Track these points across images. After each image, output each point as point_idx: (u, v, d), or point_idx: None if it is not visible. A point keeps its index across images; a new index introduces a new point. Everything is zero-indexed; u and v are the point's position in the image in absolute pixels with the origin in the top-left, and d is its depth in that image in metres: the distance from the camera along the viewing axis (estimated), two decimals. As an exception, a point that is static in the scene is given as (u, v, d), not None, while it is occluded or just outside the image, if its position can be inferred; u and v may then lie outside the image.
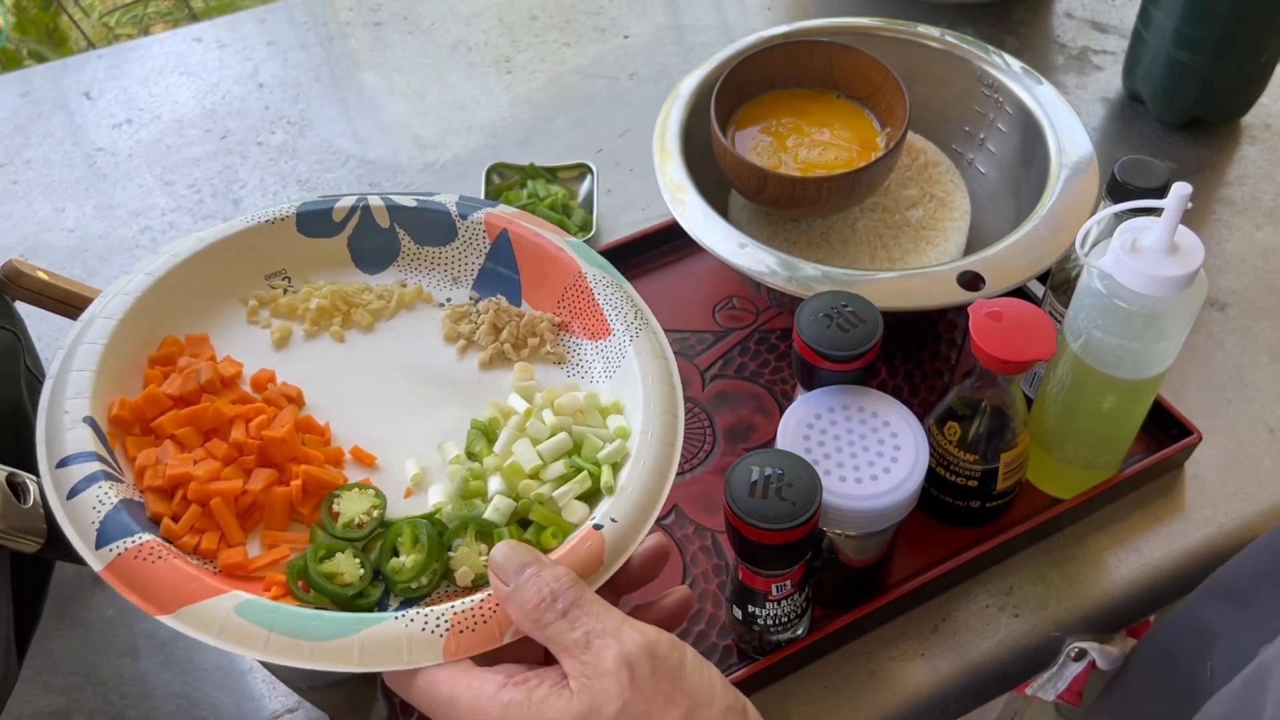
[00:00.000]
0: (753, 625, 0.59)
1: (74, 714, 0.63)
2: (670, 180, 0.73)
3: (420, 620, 0.45)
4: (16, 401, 0.60)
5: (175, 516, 0.49)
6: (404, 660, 0.44)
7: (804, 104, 0.80)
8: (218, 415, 0.52)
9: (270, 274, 0.61)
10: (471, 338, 0.59)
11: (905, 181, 0.81)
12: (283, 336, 0.59)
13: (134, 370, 0.55)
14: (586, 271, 0.59)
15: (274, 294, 0.61)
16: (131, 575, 0.46)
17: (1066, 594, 0.66)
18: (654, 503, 0.51)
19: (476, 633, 0.45)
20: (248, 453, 0.52)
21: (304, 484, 0.51)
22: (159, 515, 0.49)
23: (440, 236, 0.62)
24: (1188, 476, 0.72)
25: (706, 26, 1.11)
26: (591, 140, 0.98)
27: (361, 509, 0.51)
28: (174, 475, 0.50)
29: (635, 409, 0.54)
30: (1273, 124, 0.96)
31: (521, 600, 0.43)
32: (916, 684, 0.63)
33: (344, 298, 0.60)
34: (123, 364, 0.54)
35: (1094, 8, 1.09)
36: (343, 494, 0.52)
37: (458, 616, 0.45)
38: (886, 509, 0.55)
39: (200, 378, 0.54)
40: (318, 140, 1.00)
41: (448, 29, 1.13)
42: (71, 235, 0.93)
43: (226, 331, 0.59)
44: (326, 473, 0.52)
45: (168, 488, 0.50)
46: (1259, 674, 0.46)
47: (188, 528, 0.49)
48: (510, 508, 0.51)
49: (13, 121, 1.04)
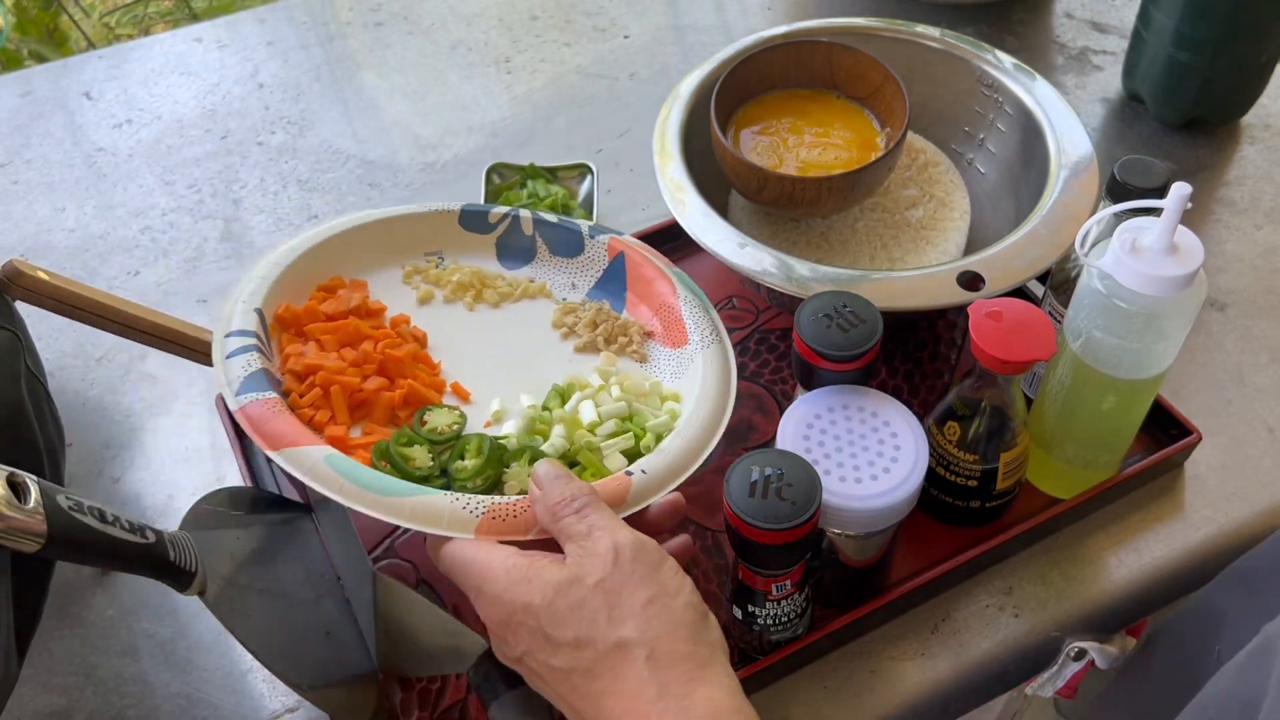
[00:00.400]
0: (752, 625, 0.59)
1: (74, 714, 0.63)
2: (670, 180, 0.73)
3: (464, 501, 0.54)
4: (16, 401, 0.60)
5: (302, 394, 0.61)
6: (441, 527, 0.53)
7: (804, 104, 0.80)
8: (356, 331, 0.65)
9: (430, 251, 0.74)
10: (574, 328, 0.70)
11: (905, 181, 0.81)
12: (425, 296, 0.72)
13: (303, 290, 0.68)
14: (680, 294, 0.70)
15: (427, 266, 0.73)
16: (255, 418, 0.57)
17: (1066, 594, 0.66)
18: (684, 468, 0.59)
19: (506, 523, 0.53)
20: (371, 362, 0.64)
21: (407, 394, 0.63)
22: (289, 389, 0.61)
23: (571, 249, 0.74)
24: (1187, 476, 0.72)
25: (706, 26, 1.11)
26: (591, 140, 0.98)
27: (445, 421, 0.62)
28: (309, 364, 0.62)
29: (689, 400, 0.64)
30: (1273, 124, 0.96)
31: (547, 499, 0.51)
32: (916, 684, 0.63)
33: (480, 279, 0.72)
34: (296, 283, 0.67)
35: (1094, 8, 1.09)
36: (434, 409, 0.63)
37: (494, 506, 0.54)
38: (886, 509, 0.55)
39: (350, 303, 0.67)
40: (318, 140, 1.00)
41: (448, 29, 1.13)
42: (72, 235, 0.93)
43: (384, 285, 0.71)
44: (427, 391, 0.64)
45: (302, 373, 0.62)
46: (1264, 649, 0.46)
47: (309, 403, 0.61)
48: (563, 448, 0.60)
49: (13, 121, 1.04)
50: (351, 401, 0.62)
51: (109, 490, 0.74)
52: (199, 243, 0.92)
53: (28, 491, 0.45)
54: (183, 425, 0.78)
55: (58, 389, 0.80)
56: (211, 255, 0.91)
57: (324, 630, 0.59)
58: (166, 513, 0.73)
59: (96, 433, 0.78)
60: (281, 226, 0.93)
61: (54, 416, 0.67)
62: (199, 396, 0.80)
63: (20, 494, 0.45)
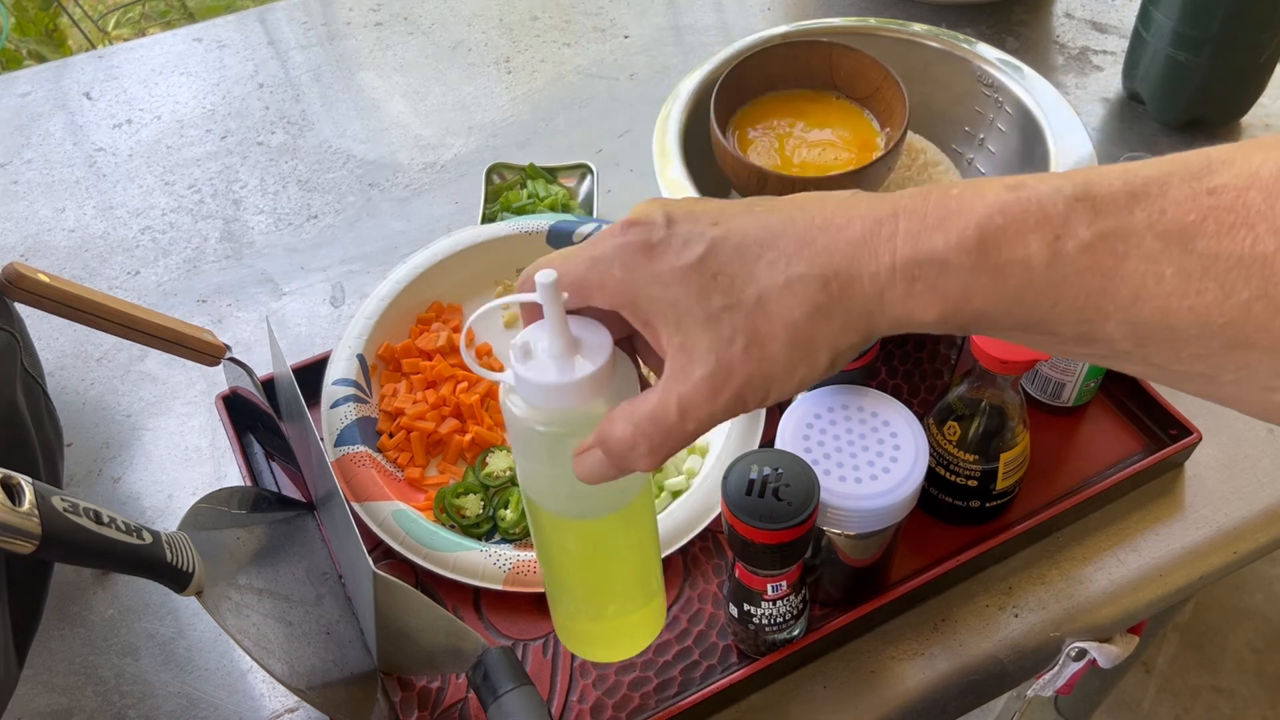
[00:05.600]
0: (748, 624, 0.59)
1: (74, 714, 0.63)
2: (670, 180, 0.73)
3: (495, 557, 0.65)
4: (11, 403, 0.60)
5: (391, 434, 0.72)
6: (477, 579, 0.64)
7: (804, 104, 0.80)
8: (438, 373, 0.75)
9: (520, 268, 0.77)
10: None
11: (905, 181, 0.81)
12: (512, 319, 0.79)
13: (406, 320, 0.78)
14: None
15: (516, 284, 0.75)
16: (344, 469, 0.69)
17: (1066, 594, 0.66)
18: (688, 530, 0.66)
19: (527, 577, 0.64)
20: (449, 405, 0.74)
21: (474, 438, 0.73)
22: (383, 430, 0.73)
23: None
24: (1187, 476, 0.72)
25: (706, 27, 1.11)
26: (591, 140, 0.98)
27: (502, 466, 0.71)
28: (398, 406, 0.73)
29: (713, 454, 0.70)
30: (1273, 124, 0.96)
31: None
32: (916, 684, 0.63)
33: None
34: (399, 316, 0.77)
35: (1094, 8, 1.09)
36: (495, 452, 0.72)
37: (519, 563, 0.65)
38: (886, 509, 0.55)
39: (438, 340, 0.76)
40: (318, 140, 1.00)
41: (448, 29, 1.13)
42: (72, 235, 0.93)
43: (477, 305, 0.78)
44: (491, 434, 0.73)
45: (392, 413, 0.74)
46: None
47: (394, 445, 0.72)
48: None
49: (13, 121, 1.04)
50: (428, 442, 0.73)
51: (109, 490, 0.74)
52: (199, 243, 0.92)
53: (22, 493, 0.45)
54: (182, 425, 0.78)
55: (57, 389, 0.80)
56: (211, 255, 0.91)
57: (324, 630, 0.59)
58: (166, 513, 0.73)
59: (96, 433, 0.78)
60: (281, 226, 0.93)
61: (52, 417, 0.67)
62: (199, 396, 0.80)
63: (14, 495, 0.45)
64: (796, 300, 0.36)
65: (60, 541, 0.46)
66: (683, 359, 0.37)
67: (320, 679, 0.55)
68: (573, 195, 0.90)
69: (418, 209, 0.93)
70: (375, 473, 0.69)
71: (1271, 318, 0.30)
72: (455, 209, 0.93)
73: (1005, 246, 0.33)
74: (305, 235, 0.92)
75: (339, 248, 0.90)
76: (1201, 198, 0.31)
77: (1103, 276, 0.32)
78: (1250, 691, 1.47)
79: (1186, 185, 0.32)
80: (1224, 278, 0.31)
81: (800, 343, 0.36)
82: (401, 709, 0.61)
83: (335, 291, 0.87)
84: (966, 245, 0.34)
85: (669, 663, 0.63)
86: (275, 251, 0.91)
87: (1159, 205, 0.32)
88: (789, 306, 0.36)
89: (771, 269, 0.36)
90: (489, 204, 0.88)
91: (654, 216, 0.38)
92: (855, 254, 0.35)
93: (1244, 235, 0.30)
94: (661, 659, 0.63)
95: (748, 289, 0.36)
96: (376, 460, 0.70)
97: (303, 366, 0.76)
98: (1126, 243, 0.32)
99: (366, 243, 0.91)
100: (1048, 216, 0.33)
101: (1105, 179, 0.33)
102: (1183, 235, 0.31)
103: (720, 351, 0.36)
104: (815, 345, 0.36)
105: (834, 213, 0.36)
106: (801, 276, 0.35)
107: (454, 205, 0.93)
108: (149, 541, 0.50)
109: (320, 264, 0.89)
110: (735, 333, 0.36)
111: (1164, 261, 0.32)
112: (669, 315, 0.37)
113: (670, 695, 0.62)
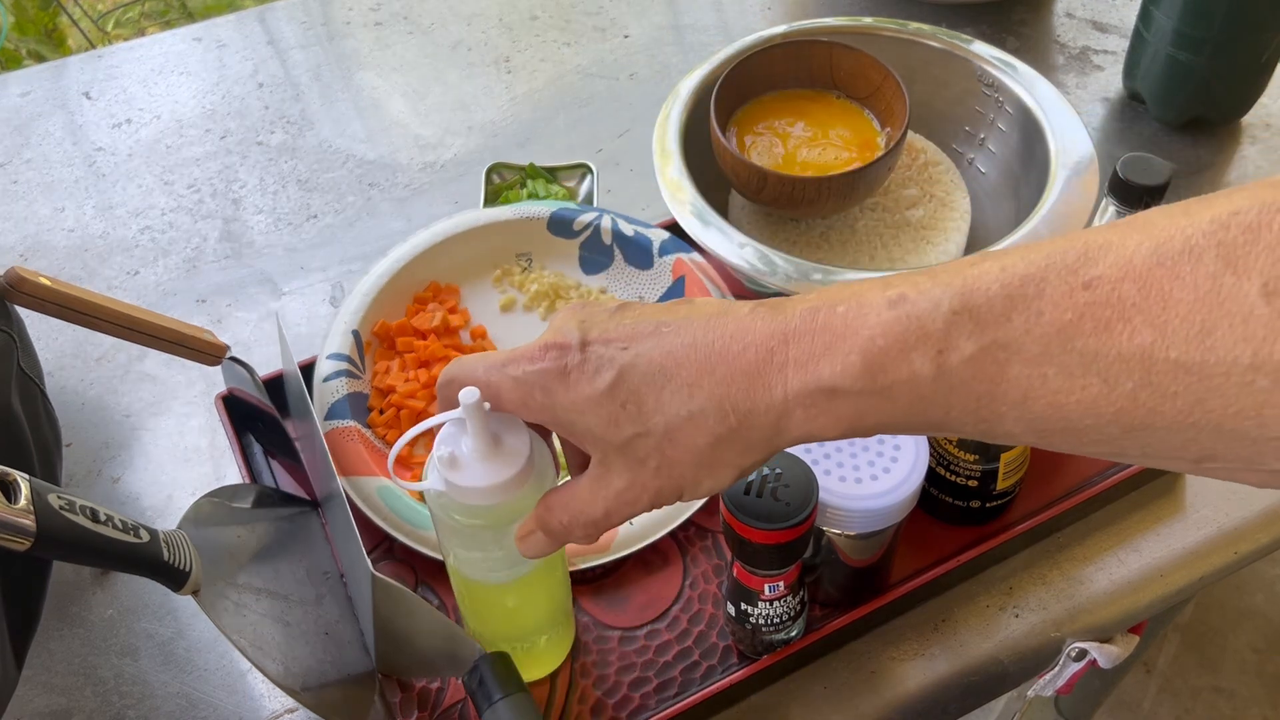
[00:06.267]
0: (745, 623, 0.59)
1: (73, 714, 0.63)
2: (670, 180, 0.73)
3: None
4: (6, 404, 0.60)
5: (382, 410, 0.73)
6: None
7: (804, 104, 0.80)
8: (431, 352, 0.75)
9: (520, 253, 0.80)
10: None
11: (905, 181, 0.81)
12: (508, 303, 0.79)
13: (404, 296, 0.78)
14: None
15: (514, 269, 0.80)
16: (333, 442, 0.68)
17: (1066, 594, 0.66)
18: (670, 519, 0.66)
19: None
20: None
21: None
22: (374, 406, 0.73)
23: (642, 262, 0.79)
24: (1188, 477, 0.72)
25: (706, 26, 1.11)
26: (591, 140, 0.98)
27: None
28: (389, 384, 0.73)
29: None
30: (1273, 124, 0.96)
31: None
32: (917, 684, 0.63)
33: (556, 289, 0.79)
34: (396, 293, 0.77)
35: (1094, 8, 1.09)
36: None
37: None
38: (886, 509, 0.55)
39: (433, 321, 0.76)
40: (318, 140, 1.00)
41: (448, 29, 1.12)
42: (71, 235, 0.93)
43: (475, 287, 0.79)
44: None
45: (384, 390, 0.74)
46: None
47: (384, 422, 0.72)
48: None
49: (13, 121, 1.04)
50: (418, 420, 0.71)
51: (108, 490, 0.74)
52: (199, 243, 0.92)
53: (17, 489, 0.45)
54: (182, 425, 0.78)
55: (56, 389, 0.80)
56: (211, 255, 0.91)
57: (323, 630, 0.59)
58: (165, 512, 0.73)
59: (95, 433, 0.78)
60: (281, 226, 0.93)
61: (50, 418, 0.67)
62: (198, 396, 0.80)
63: (9, 492, 0.45)
64: (699, 431, 0.39)
65: (56, 539, 0.46)
66: (601, 471, 0.42)
67: (316, 680, 0.55)
68: (573, 195, 0.90)
69: (417, 209, 0.93)
70: (363, 448, 0.69)
71: (1159, 403, 0.31)
72: (455, 209, 0.93)
73: (890, 368, 0.35)
74: (305, 235, 0.92)
75: (339, 247, 0.90)
76: (1078, 293, 0.32)
77: (989, 383, 0.34)
78: (1251, 692, 1.47)
79: (1063, 281, 0.32)
80: (1106, 372, 0.32)
81: (705, 464, 0.40)
82: (401, 710, 0.61)
83: (335, 291, 0.87)
84: (852, 372, 0.36)
85: (669, 663, 0.63)
86: (275, 251, 0.91)
87: (1035, 307, 0.33)
88: (693, 436, 0.39)
89: (675, 398, 0.39)
90: (489, 204, 0.88)
91: (569, 338, 0.41)
92: (750, 386, 0.38)
93: (1120, 329, 0.31)
94: (661, 659, 0.63)
95: (655, 417, 0.39)
96: (365, 435, 0.70)
97: (303, 366, 0.75)
98: (1007, 350, 0.33)
99: (366, 243, 0.91)
100: (928, 334, 0.34)
101: (983, 283, 0.34)
102: (1061, 335, 0.32)
103: (634, 472, 0.41)
104: (719, 465, 0.40)
105: (732, 338, 0.39)
106: (702, 410, 0.39)
107: (454, 205, 0.93)
108: (146, 540, 0.50)
109: (320, 264, 0.89)
110: (648, 455, 0.40)
111: (1045, 363, 0.33)
112: (587, 439, 0.42)
113: (670, 695, 0.62)
